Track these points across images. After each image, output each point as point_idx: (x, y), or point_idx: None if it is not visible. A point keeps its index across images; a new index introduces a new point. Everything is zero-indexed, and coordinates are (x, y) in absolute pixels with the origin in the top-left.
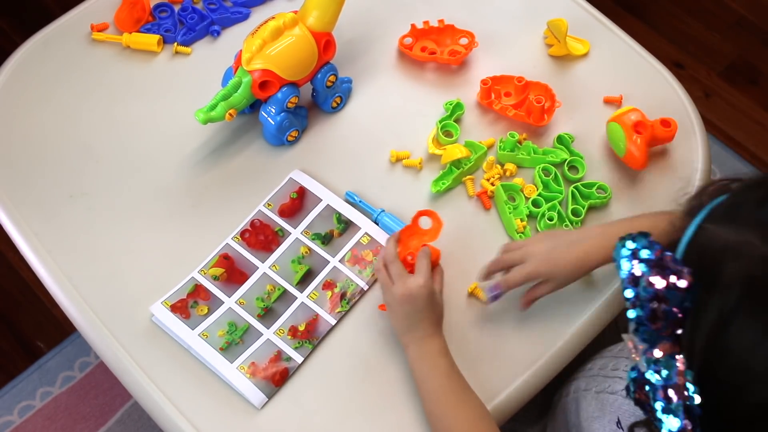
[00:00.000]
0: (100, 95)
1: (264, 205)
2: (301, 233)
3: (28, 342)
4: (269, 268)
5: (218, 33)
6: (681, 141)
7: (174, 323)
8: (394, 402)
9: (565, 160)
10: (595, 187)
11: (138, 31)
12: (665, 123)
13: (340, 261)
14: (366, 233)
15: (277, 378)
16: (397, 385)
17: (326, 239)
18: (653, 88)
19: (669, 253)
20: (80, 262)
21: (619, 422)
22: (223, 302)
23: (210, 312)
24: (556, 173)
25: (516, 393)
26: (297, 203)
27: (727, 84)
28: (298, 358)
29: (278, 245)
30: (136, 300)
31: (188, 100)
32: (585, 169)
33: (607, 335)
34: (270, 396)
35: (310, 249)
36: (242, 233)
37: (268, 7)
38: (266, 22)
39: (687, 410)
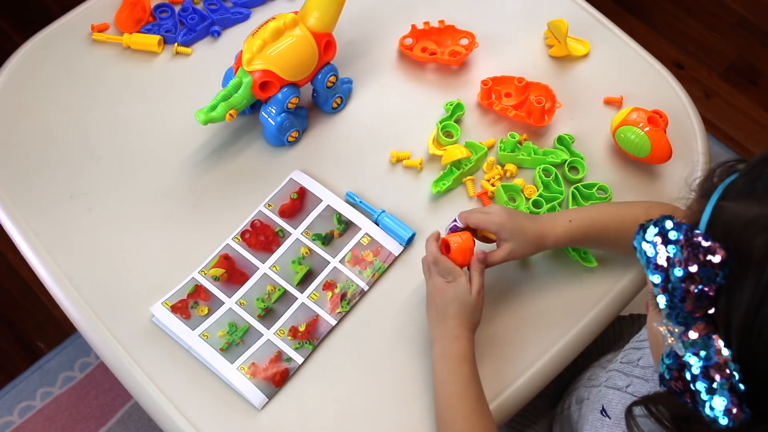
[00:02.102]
0: (101, 96)
1: (264, 206)
2: (302, 234)
3: (29, 342)
4: (269, 268)
5: (219, 33)
6: (681, 142)
7: (174, 324)
8: (394, 403)
9: (566, 160)
10: (596, 188)
11: (138, 32)
12: (657, 113)
13: (340, 261)
14: (366, 234)
15: (277, 378)
16: (398, 386)
17: (326, 240)
18: (653, 88)
19: (699, 231)
20: (81, 262)
21: (603, 410)
22: (224, 303)
23: (210, 312)
24: (556, 174)
25: (517, 391)
26: (297, 204)
27: (727, 84)
28: (299, 359)
29: (279, 246)
30: (137, 300)
31: (189, 100)
32: (585, 169)
33: (607, 343)
34: (270, 396)
35: (310, 249)
36: (243, 234)
37: (268, 8)
38: (267, 22)
39: (731, 389)
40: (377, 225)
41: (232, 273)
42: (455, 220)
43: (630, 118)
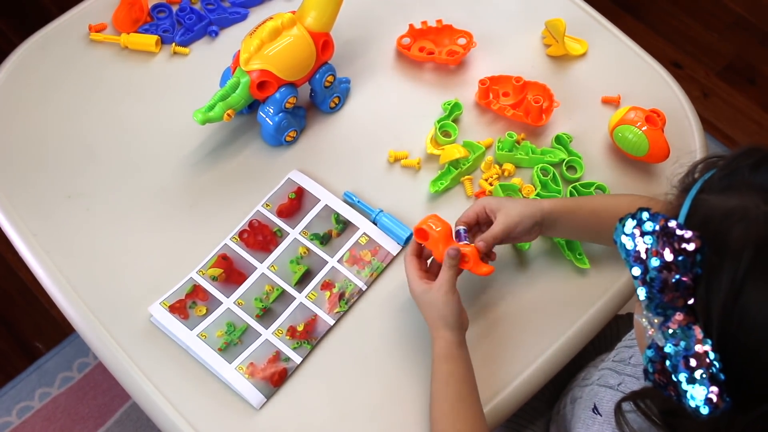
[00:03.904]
0: (99, 96)
1: (262, 206)
2: (300, 233)
3: (27, 343)
4: (268, 268)
5: (216, 33)
6: (679, 141)
7: (172, 324)
8: (392, 402)
9: (564, 160)
10: (594, 187)
11: (136, 32)
12: (655, 112)
13: (338, 261)
14: (364, 233)
15: (275, 378)
16: (396, 386)
17: (324, 239)
18: (651, 88)
19: (673, 220)
20: (78, 262)
21: (595, 408)
22: (222, 303)
23: (209, 312)
24: (554, 173)
25: (513, 392)
26: (295, 203)
27: (725, 84)
28: (297, 359)
29: (277, 245)
30: (135, 300)
31: (186, 100)
32: (583, 169)
33: (604, 342)
34: (269, 396)
35: (308, 249)
36: (240, 233)
37: (266, 8)
38: (264, 22)
39: (711, 378)
40: (375, 225)
41: (230, 273)
42: (458, 229)
43: (628, 118)
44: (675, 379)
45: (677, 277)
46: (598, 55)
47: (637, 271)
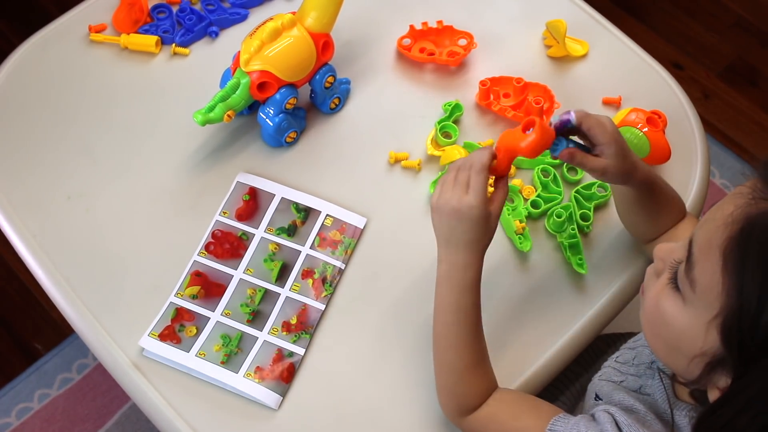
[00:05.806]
0: (98, 96)
1: (220, 214)
2: (265, 231)
3: (26, 344)
4: (244, 272)
5: (216, 34)
6: (680, 142)
7: (167, 351)
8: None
9: None
10: (595, 187)
11: (136, 32)
12: (656, 114)
13: (310, 248)
14: (327, 215)
15: (285, 375)
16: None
17: (291, 231)
18: (652, 89)
19: None
20: (78, 263)
21: (597, 396)
22: (209, 318)
23: (199, 331)
24: (555, 174)
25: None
26: (252, 204)
27: (726, 85)
28: (300, 351)
29: (246, 249)
30: (135, 301)
31: (186, 101)
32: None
33: (598, 347)
34: (284, 394)
35: (278, 244)
36: (206, 246)
37: (266, 8)
38: (264, 23)
39: None
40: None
41: (209, 287)
42: (569, 113)
43: (629, 119)
44: None
45: None
46: (598, 56)
47: None
